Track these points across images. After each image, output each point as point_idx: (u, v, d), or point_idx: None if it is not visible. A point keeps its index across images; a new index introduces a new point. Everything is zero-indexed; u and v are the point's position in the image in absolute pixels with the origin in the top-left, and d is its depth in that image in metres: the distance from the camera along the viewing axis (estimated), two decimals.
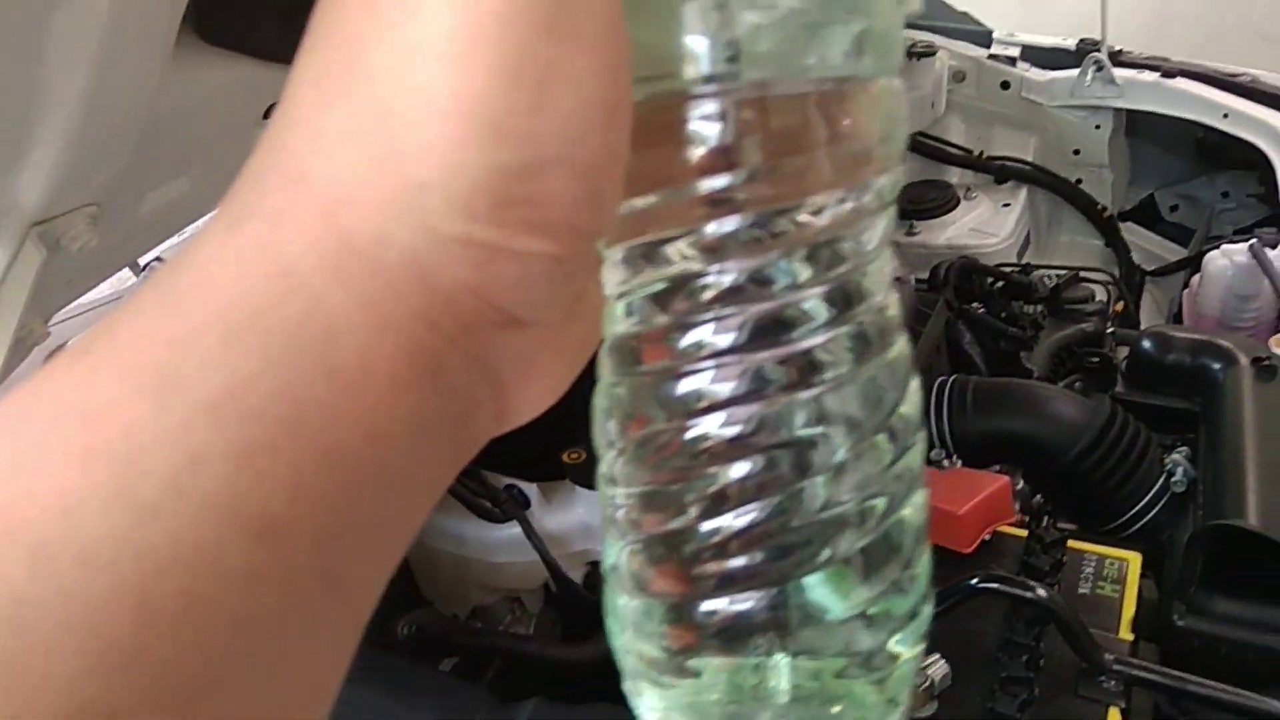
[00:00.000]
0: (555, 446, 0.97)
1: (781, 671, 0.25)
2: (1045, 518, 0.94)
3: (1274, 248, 1.40)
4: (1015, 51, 1.85)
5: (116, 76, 0.51)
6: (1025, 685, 0.76)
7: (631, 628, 0.26)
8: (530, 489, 0.99)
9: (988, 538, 0.89)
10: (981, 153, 1.86)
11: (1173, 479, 0.98)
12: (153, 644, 0.17)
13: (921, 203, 1.77)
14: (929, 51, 1.75)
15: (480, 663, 0.93)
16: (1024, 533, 0.90)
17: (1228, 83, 1.69)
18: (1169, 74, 1.71)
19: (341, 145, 0.19)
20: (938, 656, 0.76)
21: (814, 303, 0.24)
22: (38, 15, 0.46)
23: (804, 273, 0.23)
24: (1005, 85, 1.83)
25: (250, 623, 0.18)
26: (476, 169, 0.18)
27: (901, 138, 0.25)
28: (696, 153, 0.22)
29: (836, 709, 0.26)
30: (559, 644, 0.96)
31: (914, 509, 0.27)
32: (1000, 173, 1.84)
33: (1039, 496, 1.07)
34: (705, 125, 0.22)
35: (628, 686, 0.27)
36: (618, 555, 0.26)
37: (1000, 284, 1.38)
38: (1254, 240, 1.38)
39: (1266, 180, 1.59)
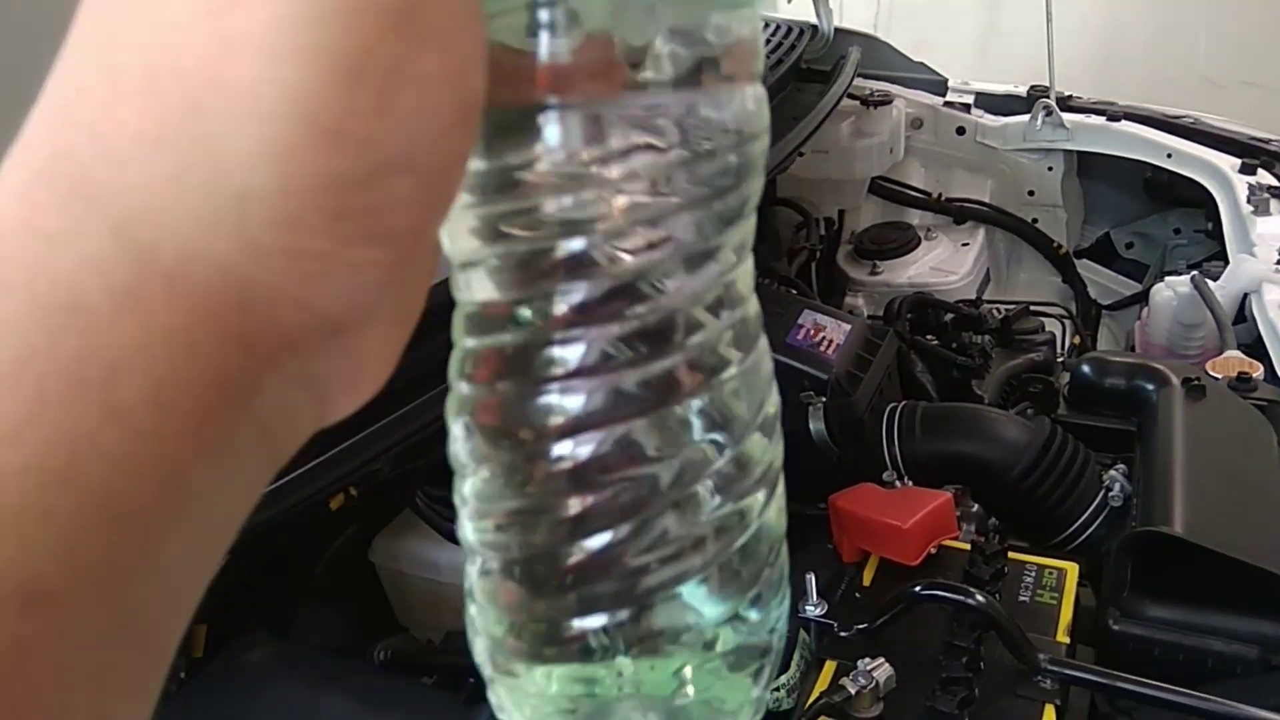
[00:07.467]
0: None
1: (631, 671, 0.24)
2: (995, 535, 0.99)
3: (1215, 279, 1.46)
4: (969, 99, 1.93)
5: None
6: (965, 685, 0.80)
7: (483, 635, 0.25)
8: None
9: (933, 551, 0.94)
10: (940, 195, 1.93)
11: (1110, 494, 1.04)
12: None
13: (884, 243, 1.84)
14: (886, 100, 1.83)
15: (457, 681, 0.97)
16: (968, 546, 0.95)
17: (1171, 124, 1.77)
18: (1114, 117, 1.79)
19: (140, 149, 0.17)
20: (883, 660, 0.80)
21: (681, 315, 0.23)
22: None
23: (666, 284, 0.22)
24: (961, 131, 1.91)
25: (23, 701, 0.16)
26: (310, 177, 0.17)
27: (763, 143, 0.24)
28: (555, 163, 0.21)
29: (692, 702, 0.25)
30: None
31: (775, 512, 0.26)
32: (959, 214, 1.91)
33: (993, 519, 1.12)
34: (563, 135, 0.21)
35: (489, 693, 0.26)
36: (471, 572, 0.25)
37: (951, 316, 1.44)
38: (1195, 273, 1.44)
39: (1212, 216, 1.67)
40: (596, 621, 0.23)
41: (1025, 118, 1.85)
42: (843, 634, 0.85)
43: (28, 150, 0.17)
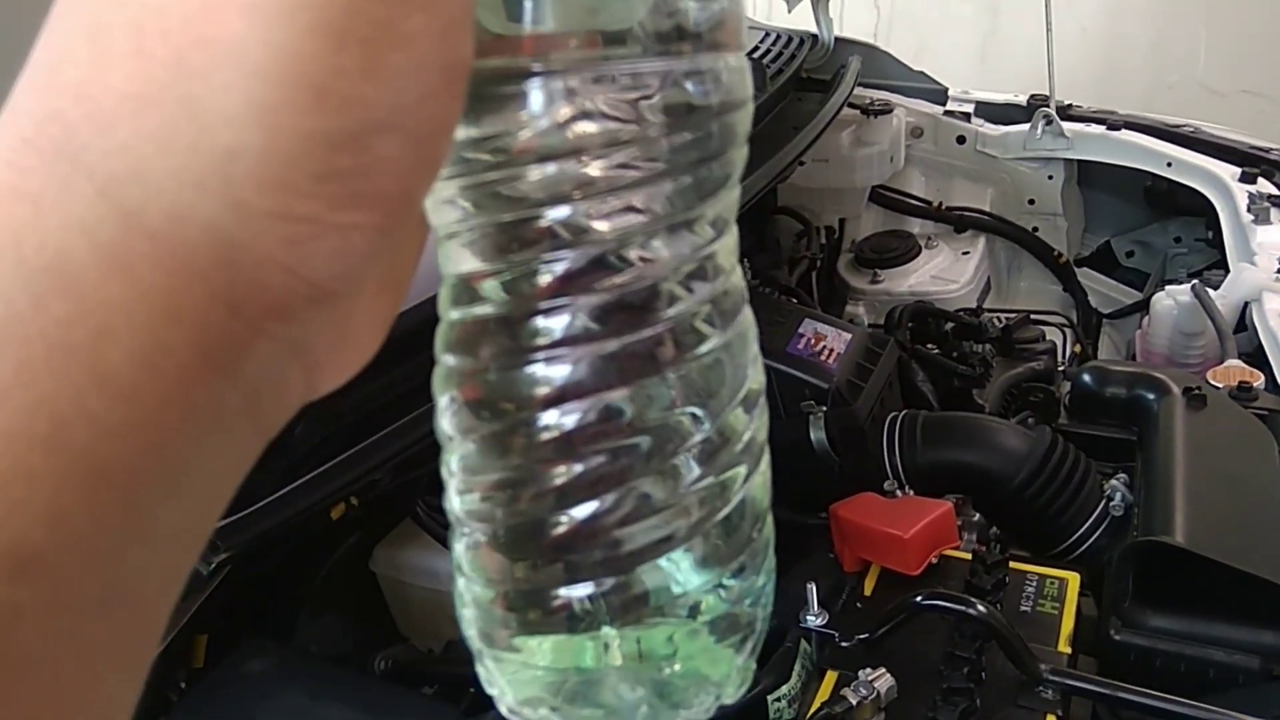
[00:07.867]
0: None
1: (617, 641, 0.24)
2: (997, 544, 0.99)
3: (1216, 288, 1.46)
4: (969, 107, 1.93)
5: None
6: (966, 695, 0.80)
7: (471, 607, 0.26)
8: None
9: (935, 561, 0.93)
10: (941, 204, 1.93)
11: (1112, 503, 1.03)
12: None
13: (884, 252, 1.84)
14: (886, 109, 1.83)
15: (457, 692, 0.96)
16: (969, 556, 0.95)
17: (1171, 133, 1.78)
18: (1115, 126, 1.80)
19: (127, 109, 0.16)
20: (884, 671, 0.80)
21: (664, 284, 0.23)
22: None
23: (649, 253, 0.22)
24: (961, 140, 1.92)
25: (12, 667, 0.16)
26: (297, 137, 0.16)
27: (746, 112, 0.24)
28: (538, 130, 0.21)
29: (678, 673, 0.26)
30: None
31: (759, 485, 0.27)
32: (959, 222, 1.91)
33: (995, 529, 1.12)
34: (545, 102, 0.21)
35: (478, 666, 0.26)
36: (458, 546, 0.26)
37: (952, 325, 1.44)
38: (1195, 282, 1.45)
39: (1213, 225, 1.67)
40: (582, 590, 0.24)
41: (1025, 126, 1.85)
42: (844, 644, 0.85)
43: (15, 115, 0.17)
